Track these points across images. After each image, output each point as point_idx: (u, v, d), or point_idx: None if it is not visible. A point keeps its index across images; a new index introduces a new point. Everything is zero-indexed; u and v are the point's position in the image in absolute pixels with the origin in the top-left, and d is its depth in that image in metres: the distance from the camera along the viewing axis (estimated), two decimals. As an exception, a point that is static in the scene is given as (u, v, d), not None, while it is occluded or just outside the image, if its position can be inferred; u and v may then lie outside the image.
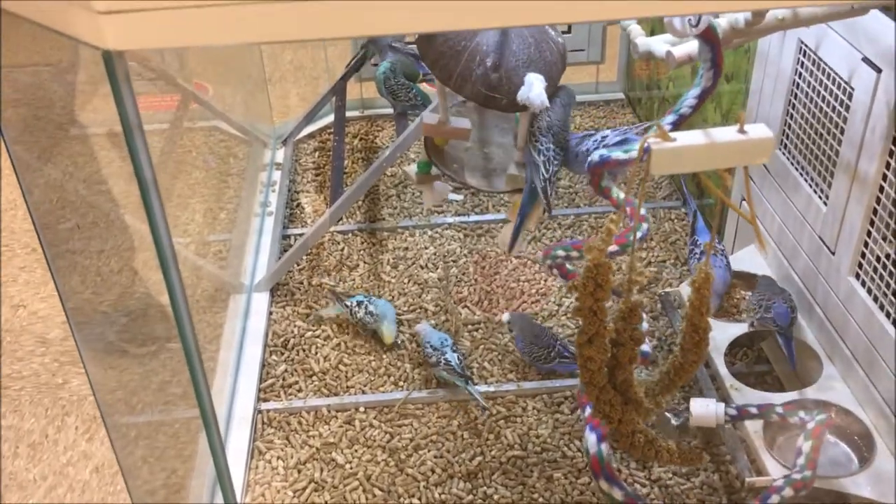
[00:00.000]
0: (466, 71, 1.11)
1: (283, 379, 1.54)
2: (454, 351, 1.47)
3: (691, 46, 1.13)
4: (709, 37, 0.98)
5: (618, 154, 1.05)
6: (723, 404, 1.24)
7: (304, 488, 1.34)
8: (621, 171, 1.11)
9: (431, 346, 1.48)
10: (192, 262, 1.98)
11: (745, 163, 0.75)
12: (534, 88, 1.09)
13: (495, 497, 1.33)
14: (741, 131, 0.76)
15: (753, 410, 1.25)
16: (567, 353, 1.48)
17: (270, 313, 1.68)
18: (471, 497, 1.33)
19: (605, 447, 1.07)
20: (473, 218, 1.88)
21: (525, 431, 1.43)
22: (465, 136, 1.19)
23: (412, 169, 1.22)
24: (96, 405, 1.70)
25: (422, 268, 1.77)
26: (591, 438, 1.07)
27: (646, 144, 0.73)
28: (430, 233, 1.87)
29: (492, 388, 1.49)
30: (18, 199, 2.21)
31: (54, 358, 1.75)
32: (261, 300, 1.68)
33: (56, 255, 1.16)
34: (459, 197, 1.92)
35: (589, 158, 1.09)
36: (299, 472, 1.37)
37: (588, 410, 1.10)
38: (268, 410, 1.47)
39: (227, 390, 1.51)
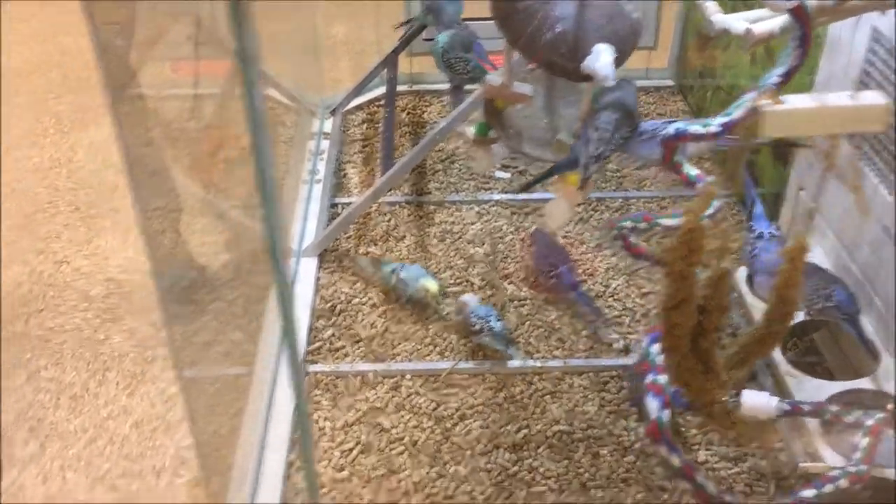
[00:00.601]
0: (536, 33, 1.10)
1: (331, 343, 1.55)
2: (498, 320, 1.48)
3: (771, 24, 1.12)
4: (799, 14, 0.97)
5: (696, 128, 1.04)
6: (776, 398, 1.22)
7: (351, 449, 1.35)
8: (694, 146, 1.10)
9: (476, 315, 1.49)
10: (240, 225, 1.99)
11: (859, 129, 0.75)
12: (601, 58, 1.07)
13: (541, 470, 1.33)
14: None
15: (807, 408, 1.22)
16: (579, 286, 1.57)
17: (318, 279, 1.69)
18: (516, 468, 1.33)
19: (666, 414, 1.07)
20: (521, 196, 1.87)
21: (571, 408, 1.43)
22: (526, 102, 1.18)
23: (470, 130, 1.22)
24: (137, 362, 1.73)
25: (468, 242, 1.77)
26: (652, 404, 1.07)
27: (756, 105, 0.73)
28: (476, 208, 1.87)
29: (538, 364, 1.49)
30: (62, 157, 2.23)
31: (96, 314, 1.77)
32: (308, 265, 1.69)
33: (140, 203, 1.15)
34: (507, 175, 1.92)
35: (663, 132, 1.08)
36: (346, 433, 1.38)
37: (650, 378, 1.10)
38: (315, 373, 1.49)
39: (275, 351, 1.52)
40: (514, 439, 1.37)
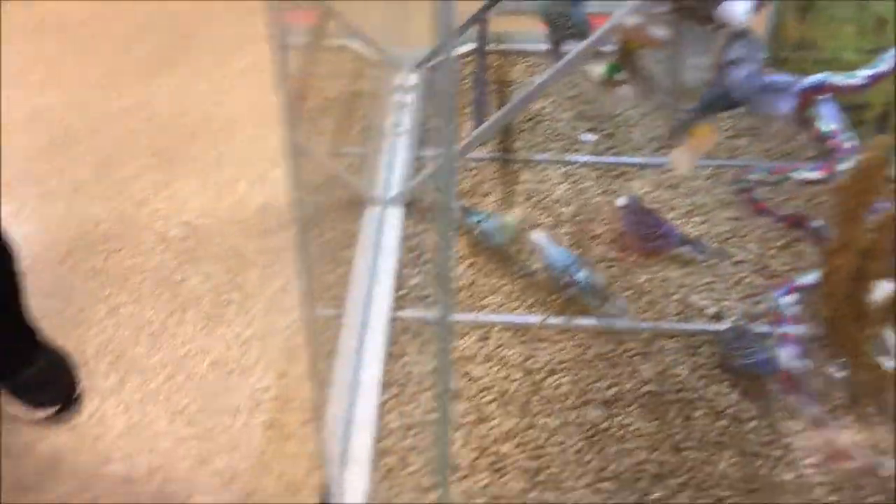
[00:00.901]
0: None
1: (418, 290, 1.54)
2: (580, 269, 1.46)
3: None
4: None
5: (838, 79, 1.00)
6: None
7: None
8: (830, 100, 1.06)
9: (556, 265, 1.47)
10: (327, 171, 1.98)
11: None
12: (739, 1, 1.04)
13: (631, 428, 1.31)
14: None
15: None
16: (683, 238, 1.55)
17: (404, 228, 1.68)
18: (607, 424, 1.31)
19: (799, 364, 1.04)
20: (609, 159, 1.85)
21: (662, 370, 1.40)
22: (659, 45, 1.15)
23: (597, 70, 1.19)
24: (214, 305, 1.73)
25: (555, 202, 1.75)
26: (786, 352, 1.04)
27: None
28: (563, 169, 1.84)
29: (632, 323, 1.46)
30: (144, 99, 2.24)
31: (174, 256, 1.77)
32: (394, 214, 1.69)
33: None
34: (593, 137, 1.89)
35: (800, 84, 1.04)
36: (435, 378, 1.37)
37: (782, 328, 1.07)
38: (403, 318, 1.48)
39: (362, 296, 1.51)
40: (605, 396, 1.35)
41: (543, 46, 1.48)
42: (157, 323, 1.62)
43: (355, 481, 1.13)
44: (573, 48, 1.39)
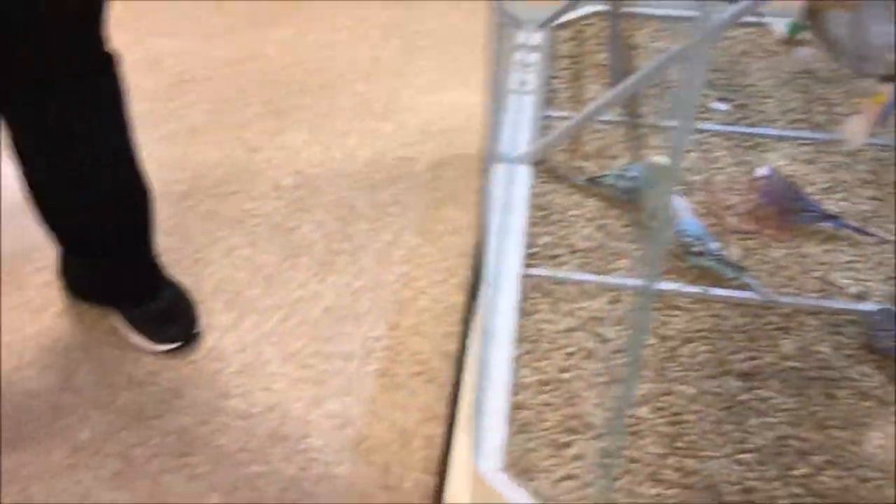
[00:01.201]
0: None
1: (548, 249, 1.50)
2: (713, 240, 1.41)
3: None
4: None
5: None
6: None
7: (573, 353, 1.30)
8: None
9: (688, 233, 1.42)
10: (448, 126, 1.95)
11: None
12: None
13: (772, 401, 1.25)
14: None
15: None
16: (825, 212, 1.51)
17: (532, 187, 1.64)
18: (746, 396, 1.26)
19: None
20: (742, 129, 1.77)
21: (803, 346, 1.34)
22: (850, 8, 1.09)
23: (780, 28, 1.13)
24: (326, 253, 1.72)
25: (686, 170, 1.69)
26: None
27: None
28: (693, 137, 1.78)
29: (772, 297, 1.40)
30: (256, 49, 2.25)
31: (286, 203, 1.77)
32: (522, 173, 1.65)
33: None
34: (725, 107, 1.82)
35: None
36: (568, 338, 1.33)
37: None
38: (533, 276, 1.44)
39: (493, 252, 1.48)
40: (743, 368, 1.30)
41: (667, 11, 1.42)
42: (271, 266, 1.62)
43: (492, 431, 1.11)
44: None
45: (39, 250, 1.61)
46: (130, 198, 1.37)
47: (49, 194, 1.33)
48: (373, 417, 1.35)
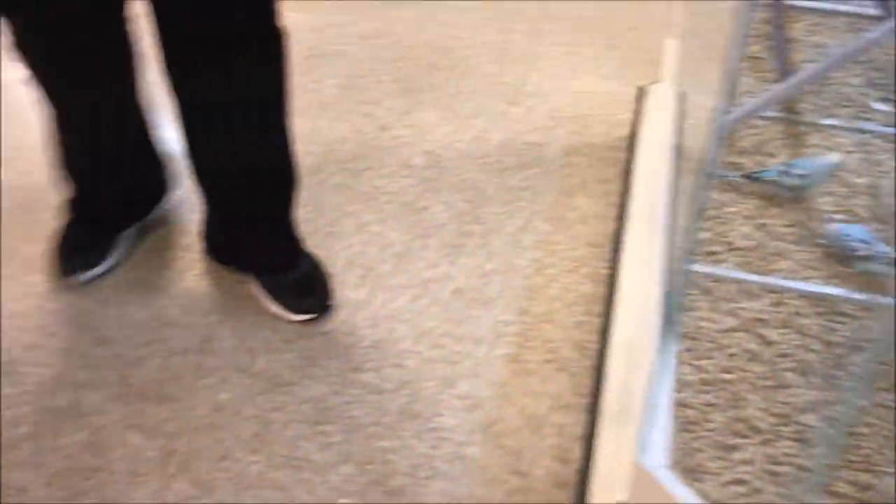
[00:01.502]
0: None
1: (705, 246, 1.44)
2: (880, 243, 1.32)
3: None
4: None
5: None
6: None
7: (736, 354, 1.24)
8: None
9: (853, 235, 1.33)
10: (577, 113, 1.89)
11: None
12: None
13: (954, 424, 1.17)
14: None
15: None
16: None
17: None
18: (924, 414, 1.18)
19: None
20: (907, 133, 1.68)
21: None
22: None
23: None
24: (455, 234, 1.69)
25: (848, 172, 1.60)
26: None
27: None
28: (853, 137, 1.68)
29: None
30: (386, 26, 2.23)
31: (417, 182, 1.75)
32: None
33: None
34: (887, 108, 1.72)
35: None
36: (730, 338, 1.27)
37: None
38: (692, 272, 1.38)
39: (647, 245, 1.43)
40: (919, 384, 1.22)
41: (824, 5, 1.33)
42: (402, 244, 1.60)
43: (659, 427, 1.06)
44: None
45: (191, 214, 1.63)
46: (281, 171, 1.37)
47: (204, 158, 1.34)
48: (503, 402, 1.32)
